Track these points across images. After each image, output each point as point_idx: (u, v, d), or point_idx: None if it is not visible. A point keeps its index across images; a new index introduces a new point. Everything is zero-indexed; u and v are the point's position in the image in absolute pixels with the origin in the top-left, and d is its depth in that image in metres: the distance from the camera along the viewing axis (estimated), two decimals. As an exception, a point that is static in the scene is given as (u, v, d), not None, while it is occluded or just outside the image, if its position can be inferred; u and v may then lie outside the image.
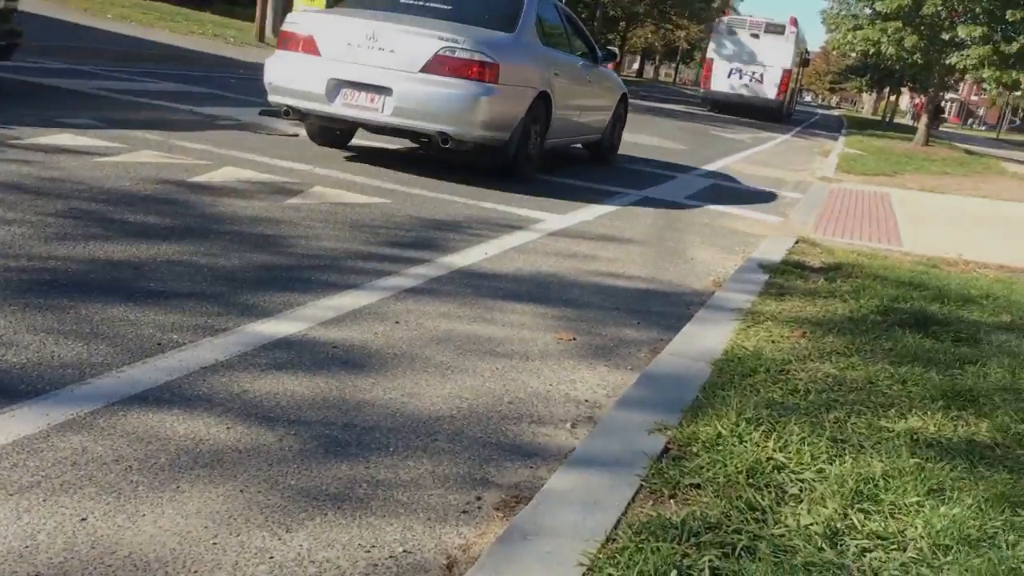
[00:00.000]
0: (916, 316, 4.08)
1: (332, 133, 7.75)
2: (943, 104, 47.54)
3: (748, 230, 6.94)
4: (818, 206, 8.84)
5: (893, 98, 57.69)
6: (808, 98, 76.37)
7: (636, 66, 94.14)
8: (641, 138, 13.97)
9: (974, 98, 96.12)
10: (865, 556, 1.97)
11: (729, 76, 28.82)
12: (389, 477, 2.33)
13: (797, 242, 6.22)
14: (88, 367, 2.68)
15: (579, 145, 9.48)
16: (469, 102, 6.47)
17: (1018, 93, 24.74)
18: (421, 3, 7.37)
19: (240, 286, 3.64)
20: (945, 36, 21.59)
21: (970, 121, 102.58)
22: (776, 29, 29.05)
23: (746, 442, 2.45)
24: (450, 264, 4.49)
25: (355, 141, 8.20)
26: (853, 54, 27.75)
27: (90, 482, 2.09)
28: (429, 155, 7.99)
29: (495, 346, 3.43)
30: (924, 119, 25.13)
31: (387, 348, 3.23)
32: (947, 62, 22.49)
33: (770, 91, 28.60)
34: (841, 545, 2.00)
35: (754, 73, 28.61)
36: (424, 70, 6.47)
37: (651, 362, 3.30)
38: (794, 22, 29.22)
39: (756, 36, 28.95)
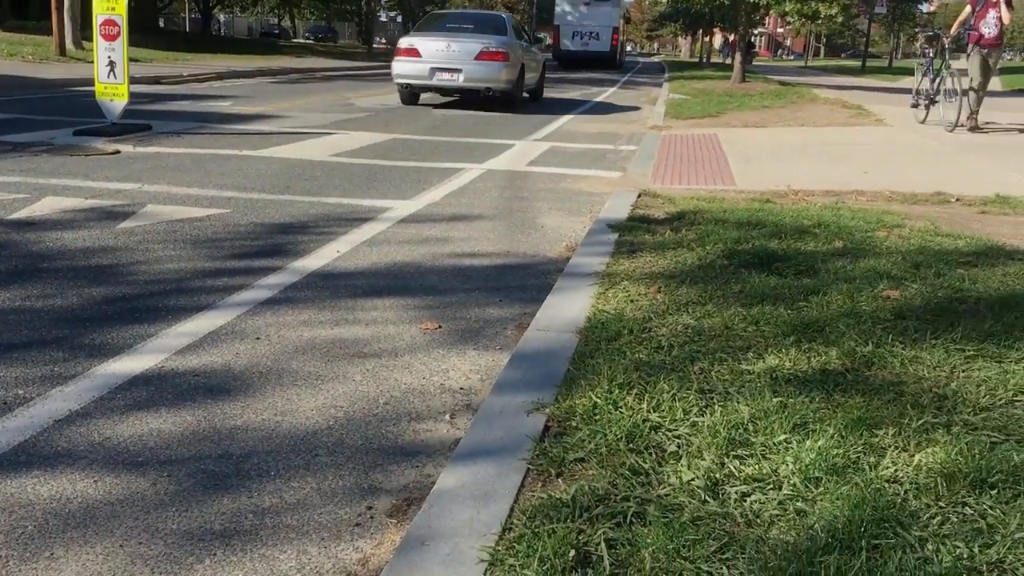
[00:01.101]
0: (759, 255, 4.28)
1: (415, 97, 14.57)
2: (753, 39, 49.86)
3: (591, 189, 7.09)
4: (653, 156, 9.11)
5: (707, 39, 59.93)
6: (629, 48, 79.10)
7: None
8: (470, 111, 13.98)
9: (780, 30, 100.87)
10: (745, 500, 2.07)
11: (573, 38, 35.73)
12: (275, 503, 2.29)
13: (639, 196, 6.40)
14: (-71, 442, 2.49)
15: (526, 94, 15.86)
16: (497, 71, 13.65)
17: (819, 21, 26.05)
18: (459, 26, 14.63)
19: (84, 326, 3.46)
20: (746, -24, 22.52)
21: (780, 52, 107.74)
22: None
23: (621, 408, 2.53)
24: (303, 268, 4.39)
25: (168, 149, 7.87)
26: (664, 1, 29.36)
27: (-47, 568, 1.96)
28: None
29: (362, 347, 3.39)
30: (738, 57, 26.17)
31: (252, 368, 3.14)
32: (751, 0, 23.46)
33: (605, 46, 35.82)
34: (723, 494, 2.10)
35: (591, 33, 35.71)
36: (476, 58, 13.57)
37: (519, 340, 3.34)
38: None
39: (588, 4, 35.90)
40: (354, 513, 2.25)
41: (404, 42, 14.21)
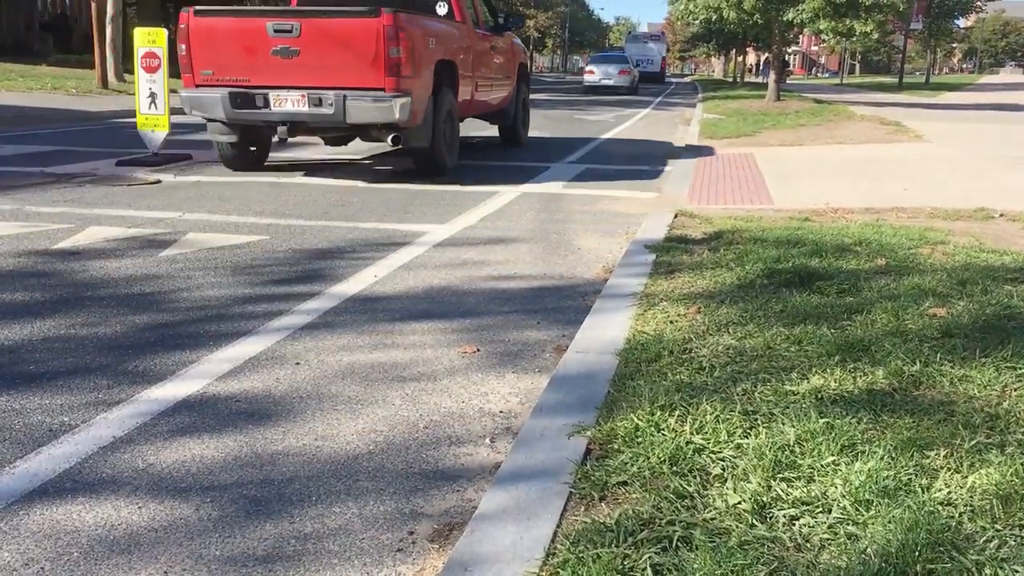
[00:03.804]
0: (799, 274, 4.23)
1: (590, 91, 35.15)
2: (787, 57, 50.18)
3: (627, 210, 7.07)
4: (689, 176, 9.07)
5: (740, 58, 60.03)
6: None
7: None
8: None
9: (814, 48, 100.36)
10: (794, 524, 2.02)
11: (637, 65, 47.87)
12: (316, 528, 2.28)
13: (676, 216, 6.37)
14: (-23, 469, 2.52)
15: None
16: (626, 79, 36.08)
17: (854, 39, 25.88)
18: (609, 60, 37.91)
19: (127, 353, 3.49)
20: (780, -6, 22.49)
21: (814, 70, 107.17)
22: (655, 36, 57.77)
23: (664, 430, 2.49)
24: (341, 293, 4.41)
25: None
26: (696, 22, 29.51)
27: (0, 595, 1.97)
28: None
29: (401, 371, 3.39)
30: (772, 75, 26.06)
31: (292, 392, 3.15)
32: (785, 18, 23.38)
33: (656, 68, 54.15)
34: (770, 518, 2.05)
35: (648, 60, 52.49)
36: (618, 74, 36.12)
37: (558, 362, 3.32)
38: (663, 32, 62.81)
39: (646, 41, 56.62)
40: (396, 538, 2.24)
41: (587, 67, 36.54)
